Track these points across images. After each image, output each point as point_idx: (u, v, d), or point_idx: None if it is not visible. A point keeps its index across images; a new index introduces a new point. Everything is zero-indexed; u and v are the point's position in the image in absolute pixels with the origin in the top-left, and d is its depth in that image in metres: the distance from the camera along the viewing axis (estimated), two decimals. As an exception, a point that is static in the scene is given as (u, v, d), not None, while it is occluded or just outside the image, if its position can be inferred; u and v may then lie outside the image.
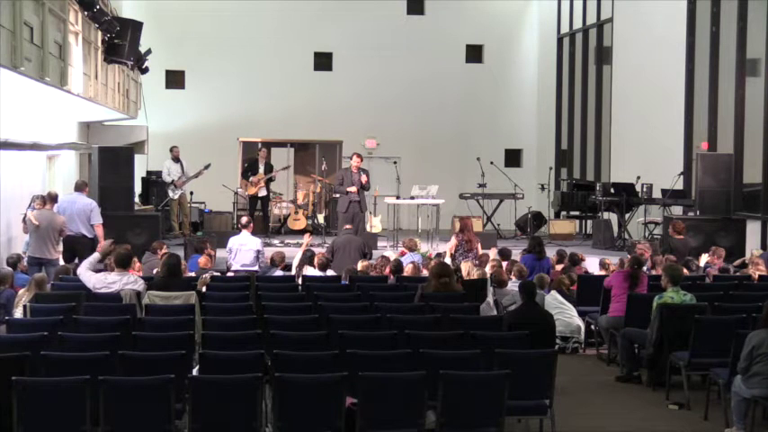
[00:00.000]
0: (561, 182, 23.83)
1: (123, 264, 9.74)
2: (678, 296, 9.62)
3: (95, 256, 9.99)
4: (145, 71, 19.43)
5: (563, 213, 21.71)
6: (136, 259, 11.82)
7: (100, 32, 15.54)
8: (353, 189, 15.98)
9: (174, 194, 19.18)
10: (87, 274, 9.69)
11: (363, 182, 16.04)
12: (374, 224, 19.51)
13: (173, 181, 19.18)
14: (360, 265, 12.71)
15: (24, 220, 12.93)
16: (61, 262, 12.74)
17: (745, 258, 13.78)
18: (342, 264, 13.21)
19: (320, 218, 19.97)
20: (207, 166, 19.19)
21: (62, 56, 13.18)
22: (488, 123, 25.33)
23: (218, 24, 24.27)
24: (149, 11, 22.45)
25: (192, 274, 11.93)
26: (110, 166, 15.36)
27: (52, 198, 13.11)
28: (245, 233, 13.67)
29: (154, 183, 20.44)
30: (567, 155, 24.55)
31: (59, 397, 6.45)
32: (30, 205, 13.10)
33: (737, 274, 12.56)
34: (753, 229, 16.06)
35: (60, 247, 12.96)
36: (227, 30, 24.31)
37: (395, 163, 19.75)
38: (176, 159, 19.35)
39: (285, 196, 21.00)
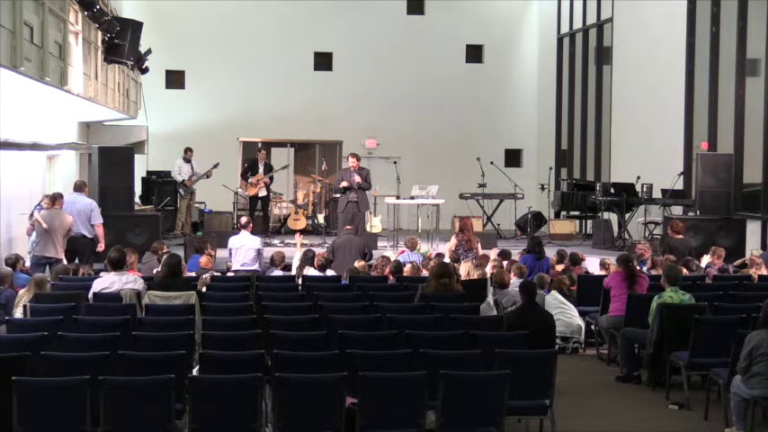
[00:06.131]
0: (561, 182, 23.83)
1: (117, 265, 9.70)
2: (677, 296, 9.62)
3: None
4: (145, 71, 19.44)
5: (563, 213, 21.70)
6: (135, 259, 11.78)
7: (100, 32, 15.54)
8: (345, 183, 16.05)
9: (185, 194, 19.21)
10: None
11: (356, 181, 16.02)
12: (374, 224, 19.51)
13: (183, 180, 19.22)
14: (357, 264, 12.72)
15: (31, 220, 12.88)
16: (64, 262, 12.71)
17: (745, 258, 13.77)
18: (342, 264, 13.22)
19: (320, 218, 19.97)
20: (215, 165, 19.29)
21: (62, 56, 13.19)
22: (488, 123, 25.33)
23: (218, 24, 24.27)
24: (149, 11, 22.45)
25: (193, 274, 11.93)
26: (110, 166, 15.38)
27: (60, 196, 13.07)
28: (245, 233, 13.68)
29: (154, 183, 20.43)
30: (566, 155, 24.54)
31: (59, 397, 6.44)
32: (38, 204, 13.08)
33: (737, 274, 12.56)
34: (753, 229, 16.06)
35: (65, 247, 12.93)
36: (227, 30, 24.32)
37: (395, 163, 19.75)
38: (188, 161, 19.41)
39: (285, 196, 21.00)
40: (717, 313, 9.61)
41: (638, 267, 11.78)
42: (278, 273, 12.93)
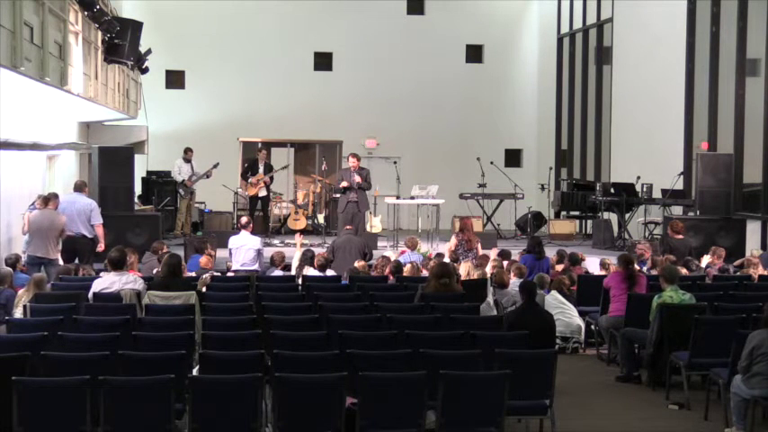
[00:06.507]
0: (561, 182, 23.82)
1: (117, 265, 9.69)
2: (677, 296, 9.62)
3: None
4: (145, 71, 19.44)
5: (563, 213, 21.70)
6: (135, 259, 11.78)
7: (100, 32, 15.54)
8: (345, 183, 16.06)
9: (185, 194, 19.22)
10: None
11: (356, 181, 16.02)
12: (374, 224, 19.51)
13: (183, 180, 19.22)
14: (357, 264, 12.72)
15: (23, 220, 12.90)
16: (60, 262, 12.71)
17: (745, 259, 13.77)
18: (342, 264, 13.22)
19: (320, 218, 19.97)
20: (215, 165, 19.28)
21: (62, 56, 13.19)
22: (488, 123, 25.33)
23: (218, 24, 24.27)
24: (149, 11, 22.45)
25: (193, 274, 11.92)
26: (110, 166, 15.37)
27: (55, 197, 13.05)
28: (245, 233, 13.67)
29: (154, 183, 20.43)
30: (566, 155, 24.54)
31: (59, 397, 6.44)
32: (32, 204, 13.07)
33: (737, 274, 12.56)
34: (753, 229, 16.06)
35: (60, 247, 12.92)
36: (227, 30, 24.32)
37: (395, 163, 19.75)
38: (188, 161, 19.42)
39: (285, 196, 21.00)
40: (717, 313, 9.61)
41: (638, 267, 11.79)
42: (278, 273, 12.93)
